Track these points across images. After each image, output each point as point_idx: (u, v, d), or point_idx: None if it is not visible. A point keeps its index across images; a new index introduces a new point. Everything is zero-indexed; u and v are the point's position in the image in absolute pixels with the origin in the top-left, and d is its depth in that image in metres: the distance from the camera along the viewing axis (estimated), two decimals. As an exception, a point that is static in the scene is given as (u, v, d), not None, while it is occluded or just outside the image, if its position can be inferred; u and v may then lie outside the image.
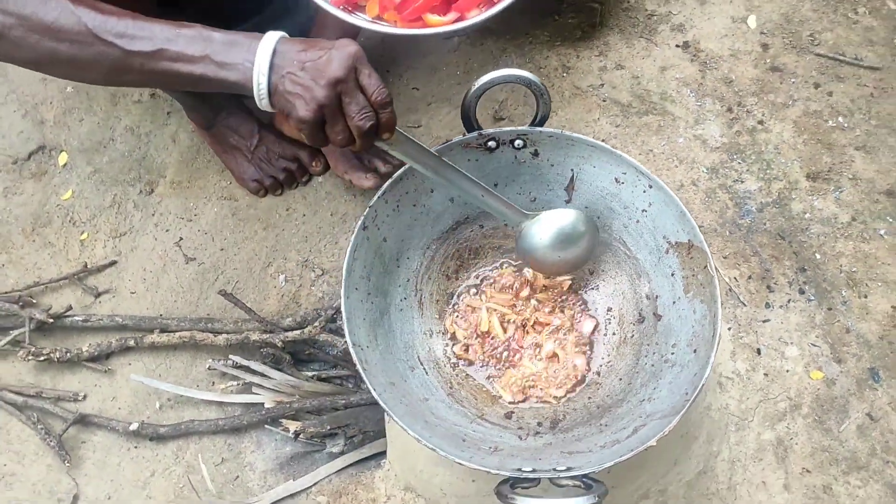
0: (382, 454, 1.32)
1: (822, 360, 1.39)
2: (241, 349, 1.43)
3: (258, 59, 0.90)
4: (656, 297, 1.13)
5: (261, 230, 1.56)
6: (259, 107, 0.93)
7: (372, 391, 0.95)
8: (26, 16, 0.90)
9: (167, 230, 1.57)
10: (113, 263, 1.54)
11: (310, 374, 1.43)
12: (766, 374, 1.38)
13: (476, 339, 1.17)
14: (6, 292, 1.49)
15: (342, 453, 1.34)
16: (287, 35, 0.93)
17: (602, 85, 1.65)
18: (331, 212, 1.56)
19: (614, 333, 1.17)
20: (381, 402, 0.95)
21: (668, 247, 1.11)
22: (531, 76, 1.08)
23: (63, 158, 1.64)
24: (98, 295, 1.51)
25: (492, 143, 1.14)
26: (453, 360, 1.16)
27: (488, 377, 1.15)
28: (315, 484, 1.34)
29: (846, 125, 1.60)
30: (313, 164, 1.32)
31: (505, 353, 1.16)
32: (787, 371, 1.38)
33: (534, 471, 0.94)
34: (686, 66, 1.67)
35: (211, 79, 0.92)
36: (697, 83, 1.65)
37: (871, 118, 1.61)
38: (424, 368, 1.12)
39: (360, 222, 1.07)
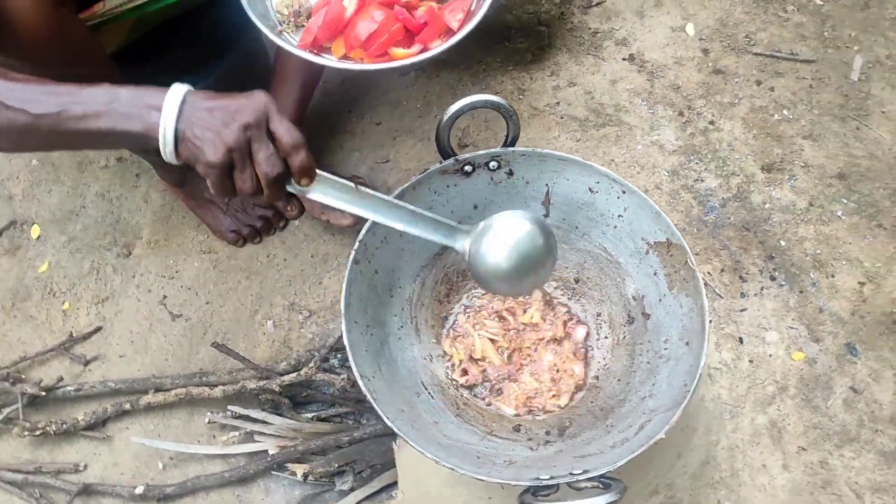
0: (393, 485, 1.33)
1: (801, 342, 1.44)
2: (238, 399, 1.42)
3: (165, 107, 0.85)
4: (642, 297, 1.17)
5: (244, 279, 1.56)
6: (164, 157, 0.88)
7: (385, 419, 0.97)
8: None
9: (150, 290, 1.57)
10: (98, 330, 1.53)
11: (309, 415, 1.43)
12: (751, 361, 1.42)
13: (473, 362, 1.19)
14: (-7, 371, 1.47)
15: (352, 490, 1.34)
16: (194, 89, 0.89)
17: (558, 103, 1.70)
18: (311, 253, 1.58)
19: (606, 337, 1.20)
20: (395, 430, 0.96)
21: (647, 248, 1.15)
22: (498, 99, 1.12)
23: (35, 231, 1.63)
24: (87, 363, 1.50)
25: (468, 167, 1.17)
26: (455, 382, 1.18)
27: (489, 397, 1.17)
28: (329, 523, 1.34)
29: (791, 117, 1.68)
30: (288, 208, 1.31)
31: (503, 374, 1.18)
32: (770, 356, 1.43)
33: (551, 478, 0.96)
34: (634, 77, 1.74)
35: (117, 132, 0.88)
36: (647, 92, 1.72)
37: (813, 108, 1.68)
38: (430, 393, 1.13)
39: (351, 257, 1.09)
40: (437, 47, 1.19)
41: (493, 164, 1.18)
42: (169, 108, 0.85)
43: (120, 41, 1.38)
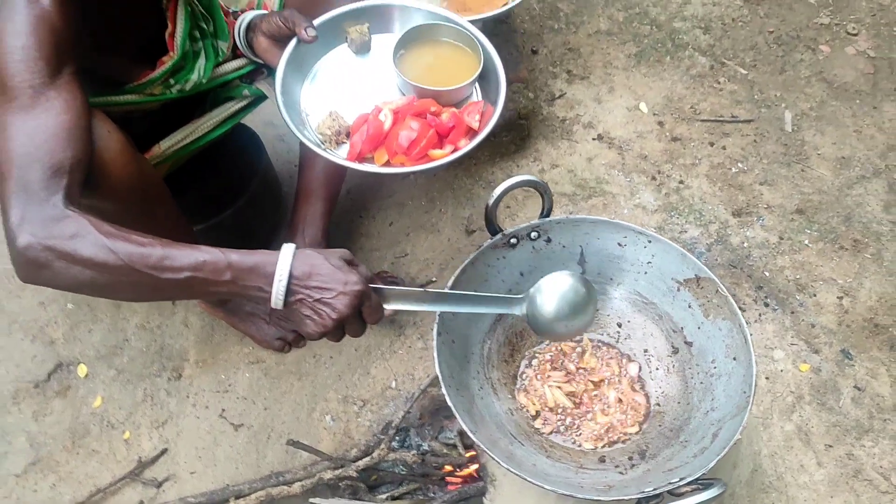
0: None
1: (804, 355, 1.62)
2: (315, 492, 1.48)
3: (277, 284, 1.01)
4: (682, 328, 1.33)
5: (296, 381, 1.65)
6: (271, 304, 1.04)
7: (502, 464, 1.07)
8: (67, 251, 0.98)
9: (207, 406, 1.63)
10: (164, 452, 1.57)
11: (384, 496, 1.50)
12: (767, 378, 1.59)
13: (548, 410, 1.31)
14: (67, 509, 1.49)
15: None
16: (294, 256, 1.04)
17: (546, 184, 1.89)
18: (354, 347, 1.68)
19: (657, 368, 1.34)
20: (515, 471, 1.07)
21: (678, 286, 1.32)
22: (535, 178, 1.29)
23: (83, 370, 1.68)
24: (160, 484, 1.53)
25: (514, 240, 1.33)
26: (538, 430, 1.29)
27: (571, 437, 1.29)
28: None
29: (746, 168, 1.92)
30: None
31: (578, 415, 1.31)
32: (781, 371, 1.60)
33: (655, 489, 1.08)
34: (606, 152, 1.96)
35: (236, 294, 1.04)
36: (621, 164, 1.93)
37: (762, 158, 1.93)
38: (520, 441, 1.24)
39: (435, 330, 1.21)
40: (466, 146, 1.36)
41: (533, 234, 1.34)
42: (279, 288, 1.01)
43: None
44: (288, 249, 1.03)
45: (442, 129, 1.34)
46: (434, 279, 1.75)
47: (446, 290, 1.17)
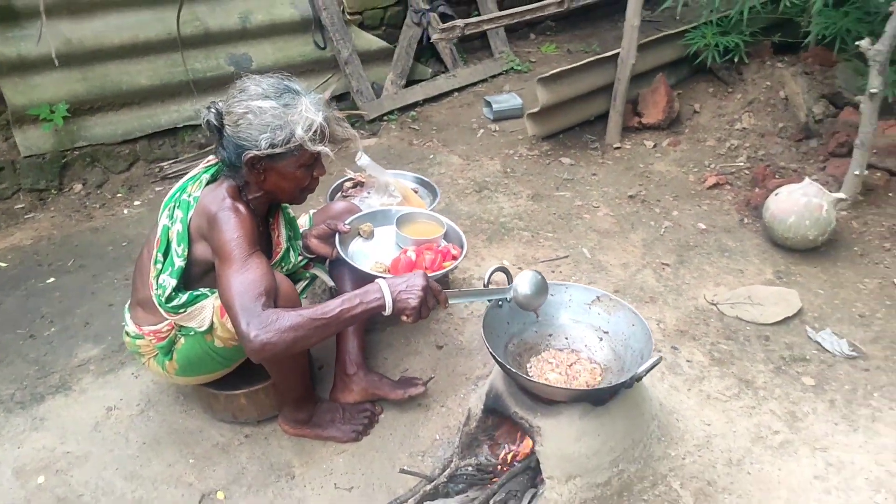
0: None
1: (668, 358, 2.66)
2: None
3: (385, 294, 1.82)
4: (599, 326, 2.32)
5: (375, 453, 2.32)
6: (385, 313, 1.82)
7: (507, 367, 1.94)
8: (276, 329, 1.72)
9: (322, 486, 2.23)
10: (307, 518, 2.14)
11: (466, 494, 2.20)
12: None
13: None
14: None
15: None
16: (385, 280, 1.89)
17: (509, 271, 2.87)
18: (404, 425, 2.41)
19: (596, 349, 2.29)
20: (508, 367, 1.94)
21: (589, 305, 2.33)
22: (507, 265, 2.29)
23: (221, 495, 2.21)
24: (316, 535, 2.09)
25: (500, 303, 2.28)
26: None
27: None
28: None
29: (574, 277, 3.05)
30: (377, 409, 2.28)
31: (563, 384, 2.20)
32: (647, 363, 2.62)
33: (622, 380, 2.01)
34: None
35: (370, 311, 1.81)
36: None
37: (581, 273, 3.09)
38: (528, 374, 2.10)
39: (487, 308, 2.10)
40: (455, 262, 2.34)
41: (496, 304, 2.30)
42: (387, 295, 1.82)
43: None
44: (381, 281, 1.85)
45: (444, 254, 2.32)
46: (433, 376, 2.57)
47: (475, 289, 2.07)
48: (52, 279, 3.09)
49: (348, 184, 2.93)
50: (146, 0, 3.90)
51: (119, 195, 3.74)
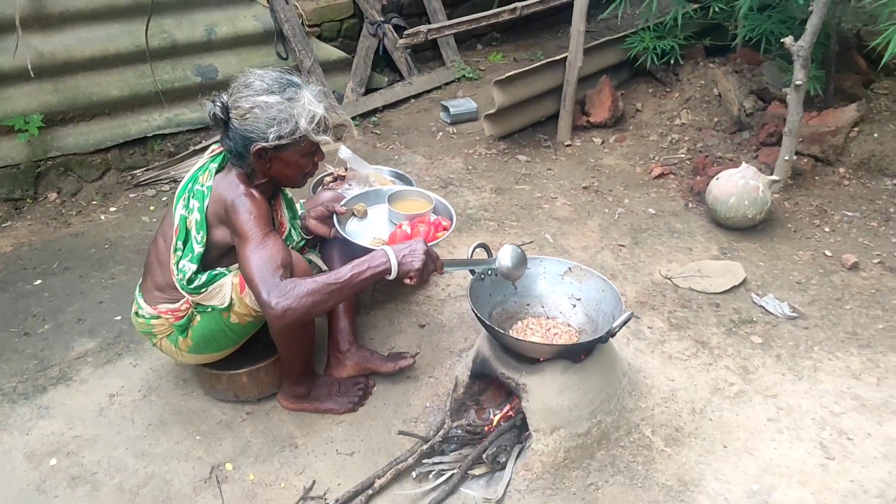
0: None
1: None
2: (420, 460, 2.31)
3: (391, 258, 2.01)
4: (572, 294, 2.53)
5: (371, 422, 2.48)
6: (390, 277, 2.01)
7: (490, 325, 2.14)
8: (295, 296, 1.89)
9: (325, 453, 2.37)
10: (314, 484, 2.28)
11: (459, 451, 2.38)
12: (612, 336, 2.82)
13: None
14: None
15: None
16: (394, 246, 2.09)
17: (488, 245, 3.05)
18: (396, 396, 2.57)
19: (572, 315, 2.50)
20: (492, 325, 2.14)
21: (561, 276, 2.55)
22: (486, 244, 2.48)
23: (230, 466, 2.32)
24: (324, 497, 2.23)
25: (483, 278, 2.47)
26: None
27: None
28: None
29: (538, 255, 3.27)
30: (370, 382, 2.46)
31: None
32: (613, 331, 2.84)
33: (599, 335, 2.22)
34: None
35: (377, 275, 1.99)
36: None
37: (546, 255, 3.31)
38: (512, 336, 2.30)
39: (472, 280, 2.28)
40: (447, 231, 2.52)
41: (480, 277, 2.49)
42: (392, 258, 2.01)
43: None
44: (386, 247, 2.03)
45: (437, 226, 2.50)
46: (418, 351, 2.74)
47: (465, 258, 2.26)
48: (38, 281, 3.15)
49: (328, 178, 3.09)
50: (115, 13, 3.98)
51: (94, 202, 3.81)
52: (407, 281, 2.06)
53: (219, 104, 2.10)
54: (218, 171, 2.18)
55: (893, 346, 2.78)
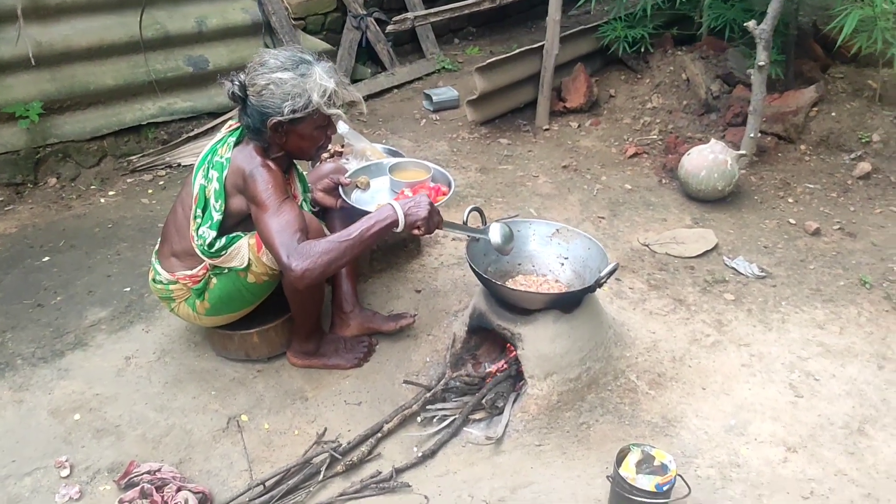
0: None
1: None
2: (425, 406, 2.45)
3: (398, 211, 2.13)
4: (560, 254, 2.69)
5: (376, 375, 2.61)
6: (398, 230, 2.13)
7: (490, 280, 2.30)
8: (313, 255, 2.03)
9: (334, 404, 2.50)
10: (325, 431, 2.41)
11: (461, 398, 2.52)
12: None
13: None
14: None
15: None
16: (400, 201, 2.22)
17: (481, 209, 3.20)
18: (397, 353, 2.72)
19: (560, 272, 2.66)
20: (489, 279, 2.30)
21: (550, 237, 2.71)
22: (479, 208, 2.64)
23: (245, 417, 2.44)
24: (336, 440, 2.36)
25: (476, 242, 2.62)
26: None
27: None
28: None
29: (526, 220, 3.43)
30: (373, 341, 2.60)
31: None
32: (597, 291, 3.01)
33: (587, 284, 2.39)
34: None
35: (386, 228, 2.11)
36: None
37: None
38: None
39: (468, 244, 2.43)
40: (447, 196, 2.66)
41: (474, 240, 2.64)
42: (399, 211, 2.14)
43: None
44: (392, 202, 2.16)
45: (437, 190, 2.65)
46: (416, 312, 2.88)
47: (461, 223, 2.41)
48: (47, 258, 3.23)
49: (325, 154, 3.22)
50: (110, 5, 4.06)
51: (93, 187, 3.89)
52: (416, 231, 2.18)
53: (237, 83, 2.21)
54: (236, 146, 2.30)
55: (854, 301, 2.99)
